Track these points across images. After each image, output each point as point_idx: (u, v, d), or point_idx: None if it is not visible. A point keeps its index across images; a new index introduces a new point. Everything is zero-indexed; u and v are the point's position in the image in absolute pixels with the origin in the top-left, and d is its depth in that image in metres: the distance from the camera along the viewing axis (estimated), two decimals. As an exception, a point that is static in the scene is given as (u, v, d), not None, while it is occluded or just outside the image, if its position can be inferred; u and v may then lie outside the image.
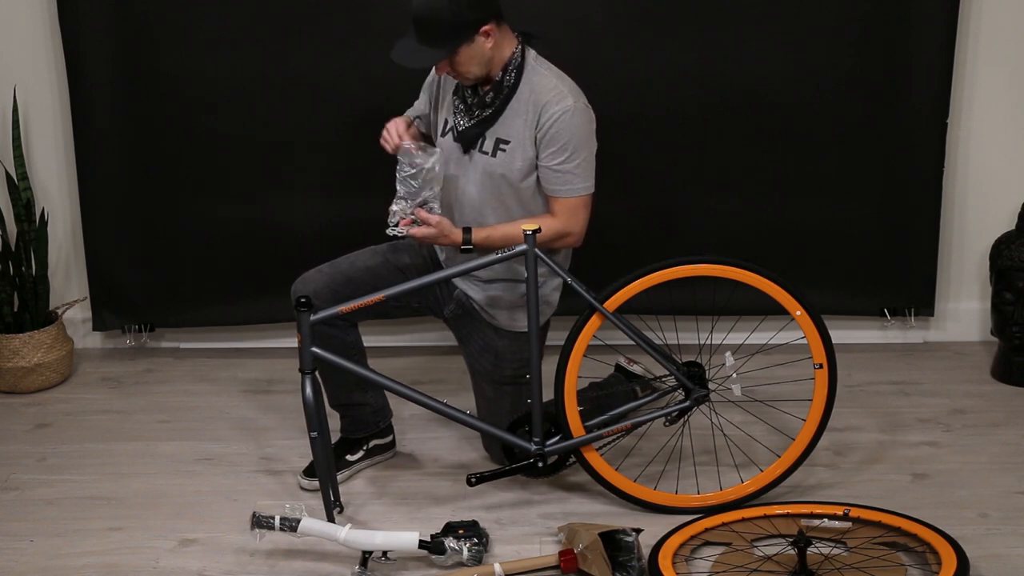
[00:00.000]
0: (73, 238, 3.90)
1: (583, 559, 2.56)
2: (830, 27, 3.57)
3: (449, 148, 2.92)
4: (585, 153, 2.82)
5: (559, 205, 2.85)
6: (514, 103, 2.82)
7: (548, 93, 2.80)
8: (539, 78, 2.83)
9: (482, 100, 2.83)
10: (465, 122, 2.87)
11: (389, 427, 3.18)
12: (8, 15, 3.69)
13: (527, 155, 2.83)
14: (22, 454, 3.26)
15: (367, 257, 3.02)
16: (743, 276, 2.76)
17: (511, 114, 2.83)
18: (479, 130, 2.85)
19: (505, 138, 2.83)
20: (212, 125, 3.68)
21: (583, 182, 2.83)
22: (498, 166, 2.85)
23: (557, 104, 2.78)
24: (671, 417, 2.86)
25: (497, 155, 2.85)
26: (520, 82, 2.82)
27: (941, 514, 2.79)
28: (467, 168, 2.90)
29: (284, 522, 2.64)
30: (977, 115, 3.72)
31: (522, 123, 2.82)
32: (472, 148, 2.88)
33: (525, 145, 2.82)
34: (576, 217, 2.86)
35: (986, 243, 3.75)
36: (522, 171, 2.84)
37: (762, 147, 3.68)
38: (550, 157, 2.80)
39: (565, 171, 2.81)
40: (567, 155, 2.79)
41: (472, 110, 2.85)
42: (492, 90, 2.82)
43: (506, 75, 2.81)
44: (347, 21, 3.58)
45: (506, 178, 2.85)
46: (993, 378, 3.64)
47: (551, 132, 2.78)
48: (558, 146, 2.79)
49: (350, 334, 2.99)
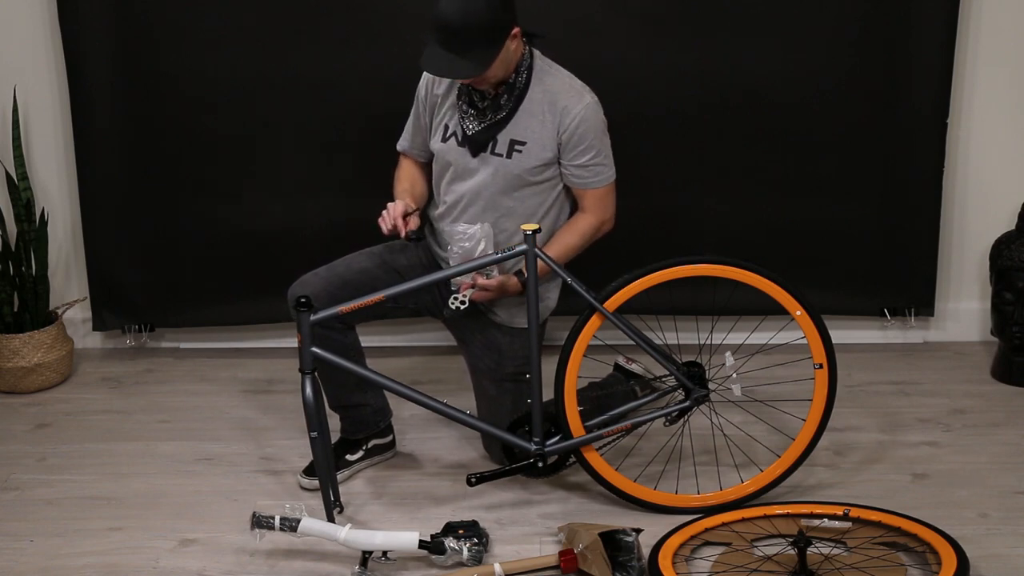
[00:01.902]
0: (73, 238, 3.90)
1: (583, 559, 2.56)
2: (830, 27, 3.57)
3: (451, 153, 2.92)
4: (606, 142, 2.91)
5: (590, 196, 2.91)
6: (527, 104, 2.83)
7: (565, 95, 2.82)
8: (551, 79, 2.85)
9: (495, 103, 2.84)
10: (475, 126, 2.87)
11: (389, 427, 3.18)
12: (8, 15, 3.69)
13: (544, 154, 2.85)
14: (22, 454, 3.26)
15: (364, 259, 3.02)
16: (743, 276, 2.77)
17: (524, 115, 2.84)
18: (491, 133, 2.85)
19: (520, 139, 2.84)
20: (212, 125, 3.68)
21: (610, 169, 2.92)
22: (514, 167, 2.86)
23: (578, 104, 2.82)
24: (671, 417, 2.86)
25: (513, 156, 2.85)
26: (531, 82, 2.83)
27: (941, 514, 2.79)
28: (476, 169, 2.90)
29: (284, 522, 2.64)
30: (977, 115, 3.72)
31: (538, 124, 2.83)
32: (483, 151, 2.88)
33: (543, 145, 2.84)
34: (608, 203, 2.95)
35: (986, 243, 3.75)
36: (539, 169, 2.87)
37: (762, 147, 3.68)
38: (579, 156, 2.85)
39: (594, 164, 2.87)
40: (595, 151, 2.86)
41: (485, 113, 2.85)
42: (505, 92, 2.83)
43: (518, 76, 2.83)
44: (347, 21, 3.57)
45: (522, 177, 2.87)
46: (993, 378, 3.64)
47: (578, 133, 2.82)
48: (586, 144, 2.84)
49: (348, 336, 2.99)
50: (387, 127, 3.22)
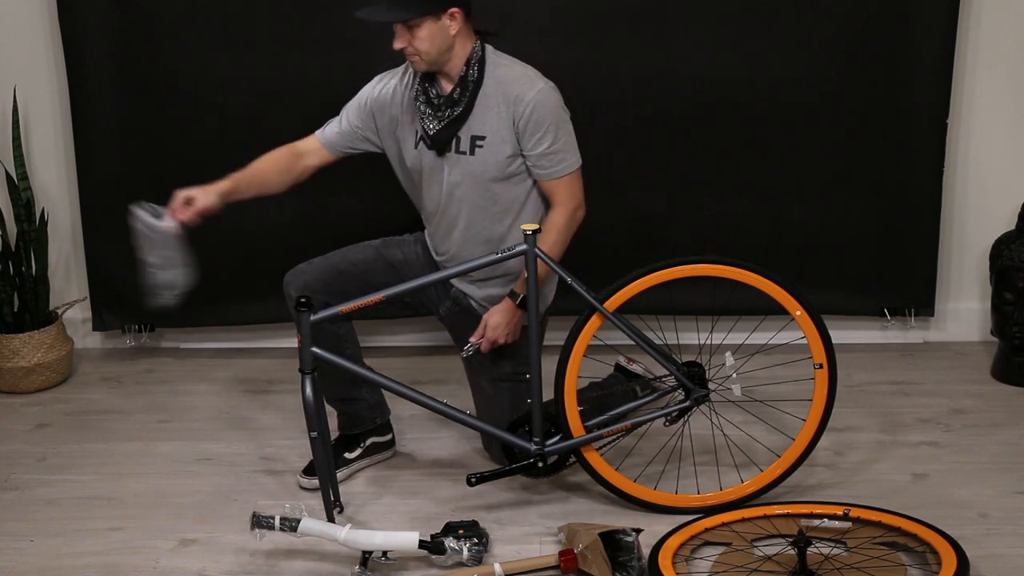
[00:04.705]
0: (73, 238, 3.90)
1: (583, 559, 2.56)
2: (830, 27, 3.57)
3: (425, 157, 2.92)
4: (567, 128, 2.87)
5: (557, 186, 2.88)
6: (482, 98, 2.84)
7: (517, 83, 2.83)
8: (503, 70, 2.85)
9: (450, 98, 2.84)
10: (435, 125, 2.87)
11: (388, 425, 3.18)
12: (8, 15, 3.69)
13: (505, 148, 2.84)
14: (22, 454, 3.26)
15: (359, 251, 3.04)
16: (743, 276, 2.76)
17: (481, 109, 2.84)
18: (452, 130, 2.86)
19: (480, 134, 2.85)
20: (212, 125, 3.68)
21: (572, 155, 2.88)
22: (478, 163, 2.86)
23: (530, 91, 2.81)
24: (671, 417, 2.86)
25: (475, 152, 2.86)
26: (484, 75, 2.84)
27: (941, 514, 2.78)
28: (446, 171, 2.90)
29: (284, 522, 2.64)
30: (977, 115, 3.72)
31: (495, 116, 2.83)
32: (447, 150, 2.88)
33: (503, 137, 2.84)
34: (575, 190, 2.90)
35: (986, 243, 3.75)
36: (503, 163, 2.86)
37: (762, 147, 3.68)
38: (537, 144, 2.83)
39: (555, 151, 2.84)
40: (553, 136, 2.83)
41: (441, 110, 2.85)
42: (458, 86, 2.83)
43: (469, 69, 2.83)
44: (347, 22, 3.56)
45: (488, 173, 2.87)
46: (993, 378, 3.64)
47: (533, 119, 2.80)
48: (543, 131, 2.82)
49: (342, 327, 2.99)
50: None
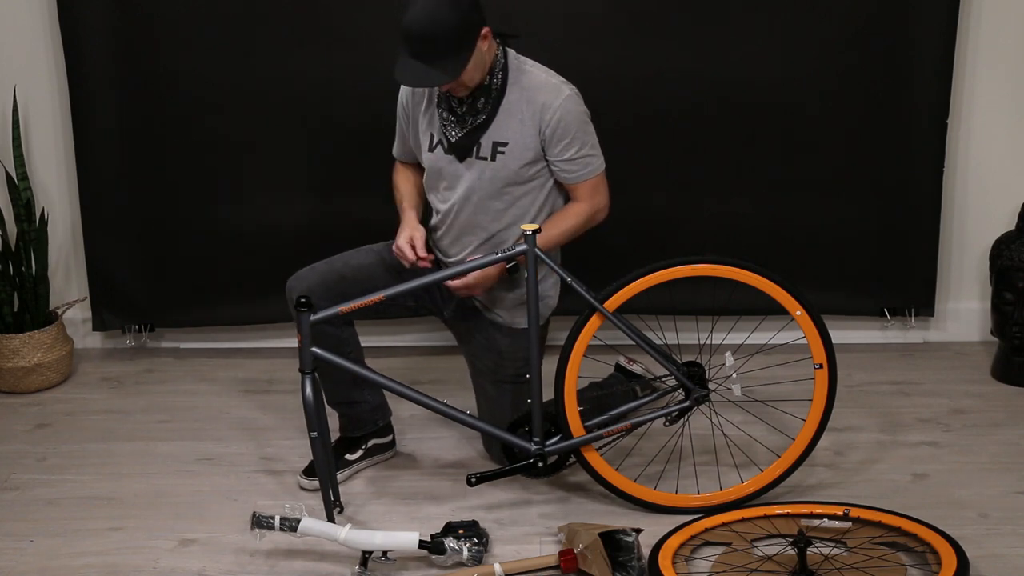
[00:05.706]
0: (73, 238, 3.90)
1: (583, 559, 2.56)
2: (830, 27, 3.57)
3: (441, 161, 2.92)
4: (591, 132, 2.88)
5: (582, 188, 2.90)
6: (505, 104, 2.82)
7: (542, 91, 2.81)
8: (527, 77, 2.84)
9: (473, 107, 2.83)
10: (457, 132, 2.86)
11: (388, 426, 3.18)
12: (8, 15, 3.69)
13: (527, 153, 2.84)
14: (22, 454, 3.26)
15: (362, 256, 3.02)
16: (743, 276, 2.76)
17: (504, 116, 2.83)
18: (474, 137, 2.85)
19: (502, 140, 2.84)
20: (212, 125, 3.68)
21: (597, 159, 2.90)
22: (499, 168, 2.85)
23: (556, 99, 2.80)
24: (671, 417, 2.86)
25: (496, 158, 2.85)
26: (508, 82, 2.82)
27: (941, 514, 2.79)
28: (464, 175, 2.89)
29: (284, 522, 2.64)
30: (977, 115, 3.72)
31: (518, 123, 2.82)
32: (468, 156, 2.88)
33: (525, 144, 2.83)
34: (601, 192, 2.93)
35: (986, 243, 3.75)
36: (523, 169, 2.85)
37: (762, 147, 3.68)
38: (564, 150, 2.83)
39: (581, 156, 2.85)
40: (580, 143, 2.84)
41: (464, 119, 2.84)
42: (482, 95, 2.82)
43: (493, 78, 2.81)
44: (346, 23, 3.57)
45: (508, 177, 2.86)
46: (993, 378, 3.64)
47: (560, 127, 2.80)
48: (570, 137, 2.82)
49: (344, 330, 2.99)
50: (390, 126, 3.22)
